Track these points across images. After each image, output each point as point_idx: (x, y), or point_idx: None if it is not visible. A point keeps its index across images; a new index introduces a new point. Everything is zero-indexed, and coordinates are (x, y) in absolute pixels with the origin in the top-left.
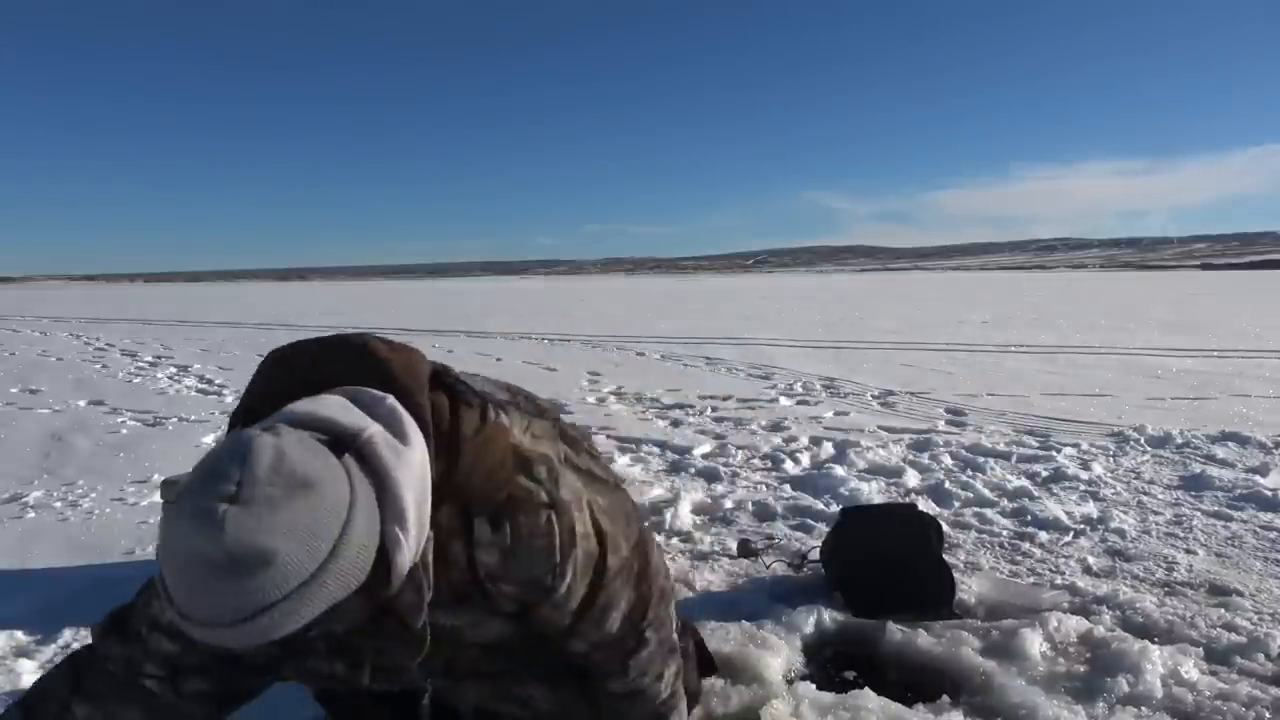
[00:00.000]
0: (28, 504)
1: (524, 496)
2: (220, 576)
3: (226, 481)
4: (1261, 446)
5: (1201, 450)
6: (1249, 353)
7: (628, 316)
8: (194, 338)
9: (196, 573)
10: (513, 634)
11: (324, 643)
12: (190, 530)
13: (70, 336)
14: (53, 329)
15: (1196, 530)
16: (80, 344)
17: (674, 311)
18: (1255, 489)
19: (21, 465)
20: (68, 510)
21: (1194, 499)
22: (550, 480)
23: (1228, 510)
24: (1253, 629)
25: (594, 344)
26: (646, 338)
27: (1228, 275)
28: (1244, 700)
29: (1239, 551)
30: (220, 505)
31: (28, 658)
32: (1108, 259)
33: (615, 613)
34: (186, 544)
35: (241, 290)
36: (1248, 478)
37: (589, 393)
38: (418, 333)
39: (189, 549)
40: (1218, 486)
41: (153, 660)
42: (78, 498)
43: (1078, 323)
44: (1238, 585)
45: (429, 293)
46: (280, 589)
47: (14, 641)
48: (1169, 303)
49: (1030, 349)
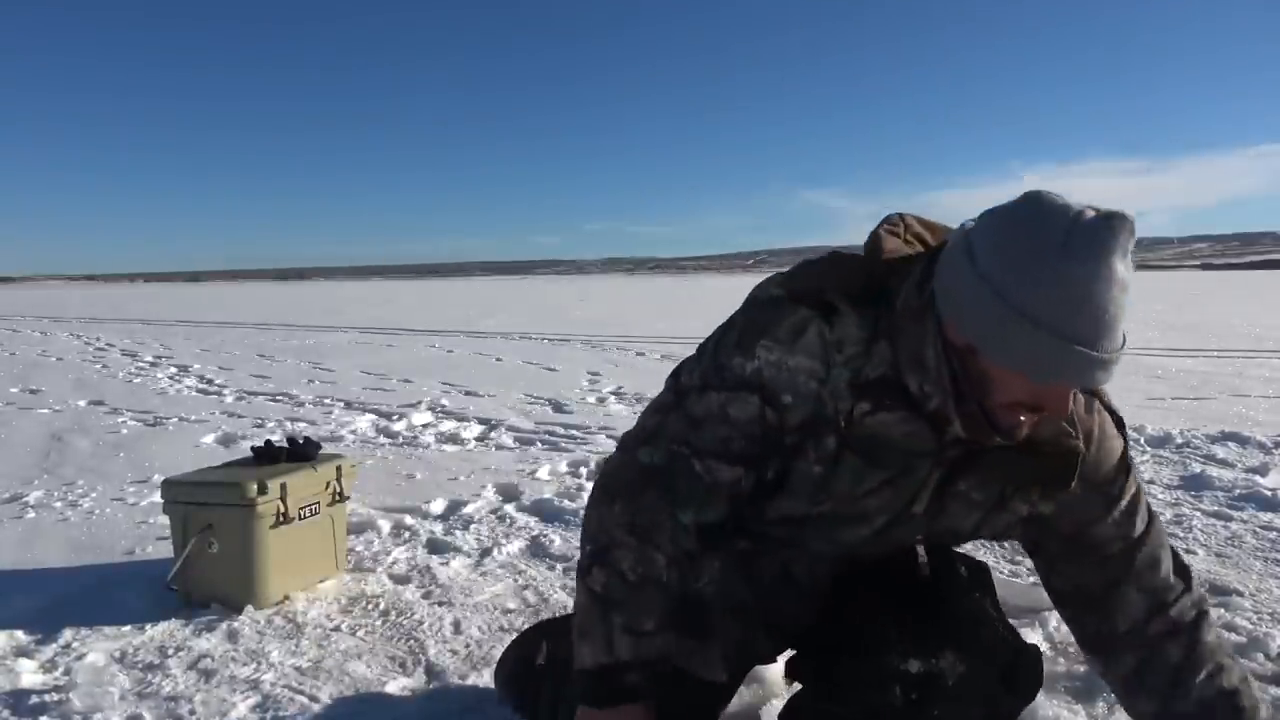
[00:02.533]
0: (28, 504)
1: (1104, 391)
2: (1128, 284)
3: (1079, 206)
4: (1261, 446)
5: (1201, 450)
6: (1249, 353)
7: (628, 316)
8: (194, 338)
9: (1118, 304)
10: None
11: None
12: (1121, 238)
13: (70, 336)
14: (53, 329)
15: (1196, 530)
16: (80, 344)
17: (674, 311)
18: (1255, 489)
19: (21, 465)
20: (68, 510)
21: (1194, 499)
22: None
23: (1228, 510)
24: (1253, 629)
25: (594, 344)
26: (646, 338)
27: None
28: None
29: (1239, 551)
30: (1113, 210)
31: (28, 658)
32: None
33: (1168, 555)
34: (1122, 258)
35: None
36: (1248, 478)
37: (589, 393)
38: (418, 332)
39: (1122, 264)
40: (1218, 486)
41: (707, 454)
42: (78, 498)
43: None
44: (1238, 585)
45: (429, 292)
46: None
47: (14, 641)
48: (1169, 303)
49: None
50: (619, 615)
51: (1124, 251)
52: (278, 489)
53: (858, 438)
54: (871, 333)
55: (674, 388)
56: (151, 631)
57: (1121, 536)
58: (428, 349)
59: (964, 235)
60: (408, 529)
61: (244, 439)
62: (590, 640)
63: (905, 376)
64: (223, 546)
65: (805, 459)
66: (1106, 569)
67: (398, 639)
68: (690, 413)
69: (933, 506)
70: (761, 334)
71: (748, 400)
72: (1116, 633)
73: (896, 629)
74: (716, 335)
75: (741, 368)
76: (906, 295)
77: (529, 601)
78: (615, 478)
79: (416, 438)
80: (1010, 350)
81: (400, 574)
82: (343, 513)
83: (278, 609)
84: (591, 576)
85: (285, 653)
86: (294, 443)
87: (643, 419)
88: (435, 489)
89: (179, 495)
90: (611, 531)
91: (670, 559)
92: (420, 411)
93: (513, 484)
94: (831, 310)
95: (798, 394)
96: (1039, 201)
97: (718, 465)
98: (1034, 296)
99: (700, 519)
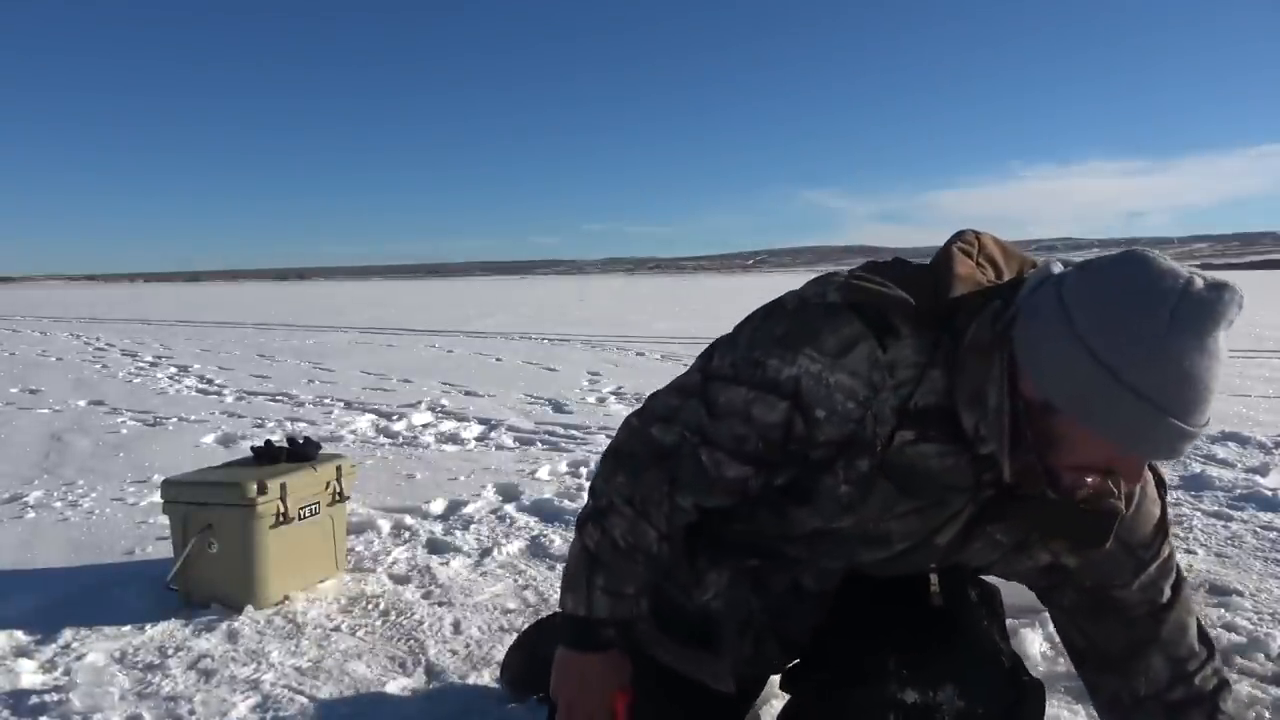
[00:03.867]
0: (28, 504)
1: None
2: (1223, 357)
3: (1185, 272)
4: (1261, 446)
5: (1201, 450)
6: (1249, 353)
7: (628, 316)
8: (194, 338)
9: (1217, 378)
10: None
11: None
12: (1226, 311)
13: (70, 336)
14: (53, 329)
15: (1196, 530)
16: (80, 344)
17: (674, 311)
18: (1255, 489)
19: (21, 465)
20: (68, 510)
21: (1194, 499)
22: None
23: (1228, 510)
24: (1253, 629)
25: (594, 344)
26: (646, 338)
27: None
28: (1244, 700)
29: (1239, 551)
30: (1217, 282)
31: (28, 658)
32: None
33: (1194, 620)
34: (1216, 357)
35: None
36: (1248, 478)
37: (589, 393)
38: (418, 332)
39: (1219, 359)
40: (1218, 486)
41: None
42: (78, 498)
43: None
44: (1238, 585)
45: (429, 292)
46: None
47: (14, 641)
48: None
49: None
50: (601, 576)
51: (1229, 325)
52: (278, 489)
53: (895, 465)
54: (929, 359)
55: (703, 369)
56: (151, 631)
57: (1148, 600)
58: (428, 349)
59: (1055, 286)
60: (408, 529)
61: (244, 439)
62: (573, 591)
63: (961, 412)
64: (223, 546)
65: (834, 477)
66: (1132, 631)
67: (398, 639)
68: (712, 401)
69: (956, 541)
70: (809, 341)
71: (776, 405)
72: (1137, 696)
73: (896, 658)
74: (756, 321)
75: (778, 371)
76: (978, 330)
77: (529, 601)
78: (625, 447)
79: (416, 438)
80: (1104, 417)
81: (400, 574)
82: (343, 513)
83: (278, 609)
84: (587, 531)
85: (285, 653)
86: (294, 443)
87: (665, 394)
88: (435, 489)
89: (179, 495)
90: (612, 497)
91: (662, 535)
92: (420, 411)
93: (513, 484)
94: (889, 331)
95: (833, 411)
96: (1146, 265)
97: (727, 461)
98: (1138, 367)
99: (700, 503)
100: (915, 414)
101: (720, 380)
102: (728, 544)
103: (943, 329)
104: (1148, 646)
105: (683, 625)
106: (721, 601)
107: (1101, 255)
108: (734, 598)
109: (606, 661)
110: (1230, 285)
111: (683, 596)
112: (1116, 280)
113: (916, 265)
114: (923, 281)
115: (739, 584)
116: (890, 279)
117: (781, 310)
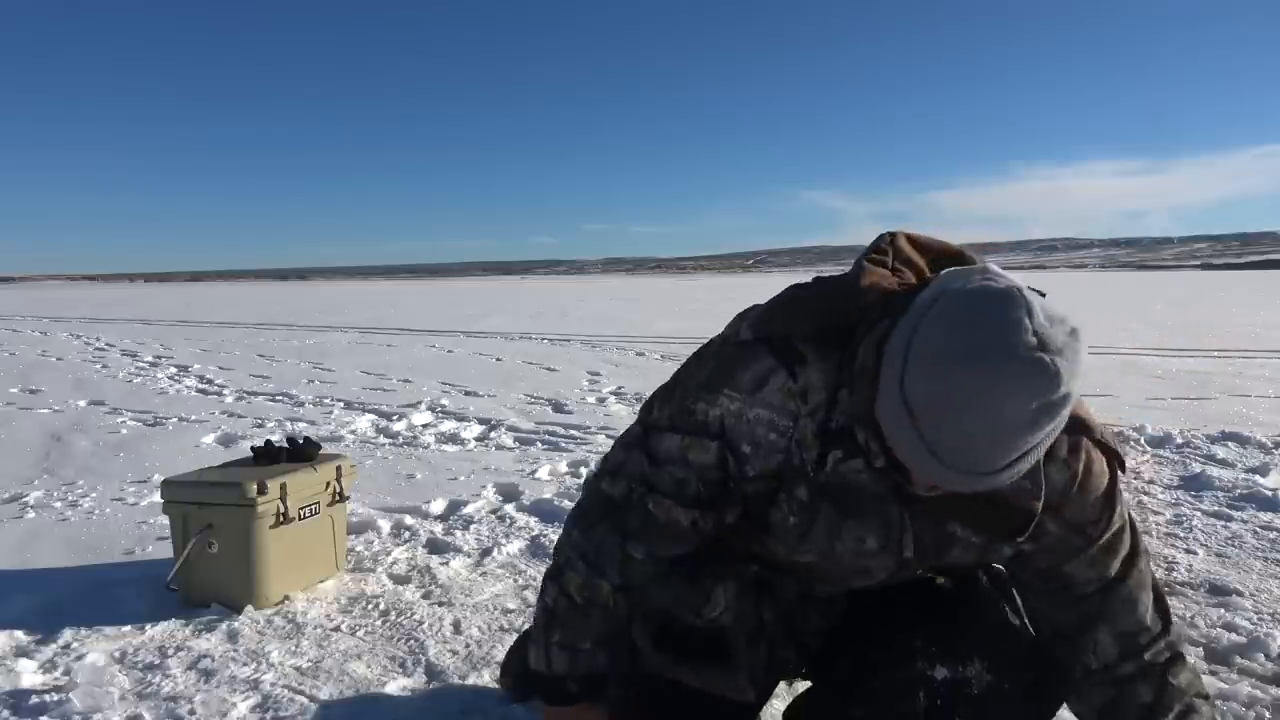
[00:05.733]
0: (28, 504)
1: (1096, 426)
2: (1034, 425)
3: (1027, 332)
4: (1261, 446)
5: (1201, 450)
6: (1249, 353)
7: (628, 316)
8: (194, 338)
9: (1010, 423)
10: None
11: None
12: (1023, 384)
13: (70, 336)
14: (53, 329)
15: (1196, 530)
16: (80, 344)
17: (674, 311)
18: (1255, 489)
19: (21, 465)
20: (68, 510)
21: (1194, 499)
22: (1109, 432)
23: (1228, 510)
24: (1253, 629)
25: (594, 344)
26: (646, 338)
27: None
28: (1244, 700)
29: (1239, 551)
30: (1045, 355)
31: (28, 658)
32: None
33: (1147, 596)
34: (1013, 399)
35: (241, 290)
36: (1248, 478)
37: (589, 393)
38: (418, 332)
39: (1014, 403)
40: (1218, 486)
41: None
42: (78, 498)
43: (1078, 323)
44: (1238, 585)
45: (429, 292)
46: (1047, 438)
47: (14, 641)
48: (1169, 303)
49: None
50: (557, 632)
51: (1030, 396)
52: (278, 489)
53: (831, 485)
54: (837, 379)
55: (643, 421)
56: (151, 631)
57: (1097, 576)
58: (427, 349)
59: (915, 321)
60: (408, 529)
61: (244, 439)
62: (535, 647)
63: (856, 428)
64: (223, 546)
65: (780, 510)
66: (1080, 607)
67: (398, 639)
68: (652, 451)
69: (923, 548)
70: (727, 381)
71: (708, 446)
72: (1088, 669)
73: (924, 637)
74: (688, 367)
75: (705, 413)
76: (864, 354)
77: (529, 601)
78: (582, 504)
79: (416, 438)
80: (905, 455)
81: (400, 574)
82: (343, 513)
83: (278, 609)
84: (546, 588)
85: (285, 653)
86: (294, 443)
87: (613, 450)
88: (435, 489)
89: (179, 495)
90: (568, 553)
91: (615, 587)
92: (420, 411)
93: (513, 484)
94: (797, 359)
95: (757, 445)
96: (975, 325)
97: (673, 507)
98: (931, 424)
99: (655, 553)
100: (837, 433)
101: (658, 430)
102: (730, 555)
103: (844, 349)
104: (1095, 621)
105: (697, 647)
106: (730, 615)
107: (973, 290)
108: (742, 610)
109: (576, 716)
110: (1044, 363)
111: (692, 617)
112: (942, 335)
113: (835, 281)
114: (830, 302)
115: (745, 595)
116: (798, 308)
117: (706, 353)
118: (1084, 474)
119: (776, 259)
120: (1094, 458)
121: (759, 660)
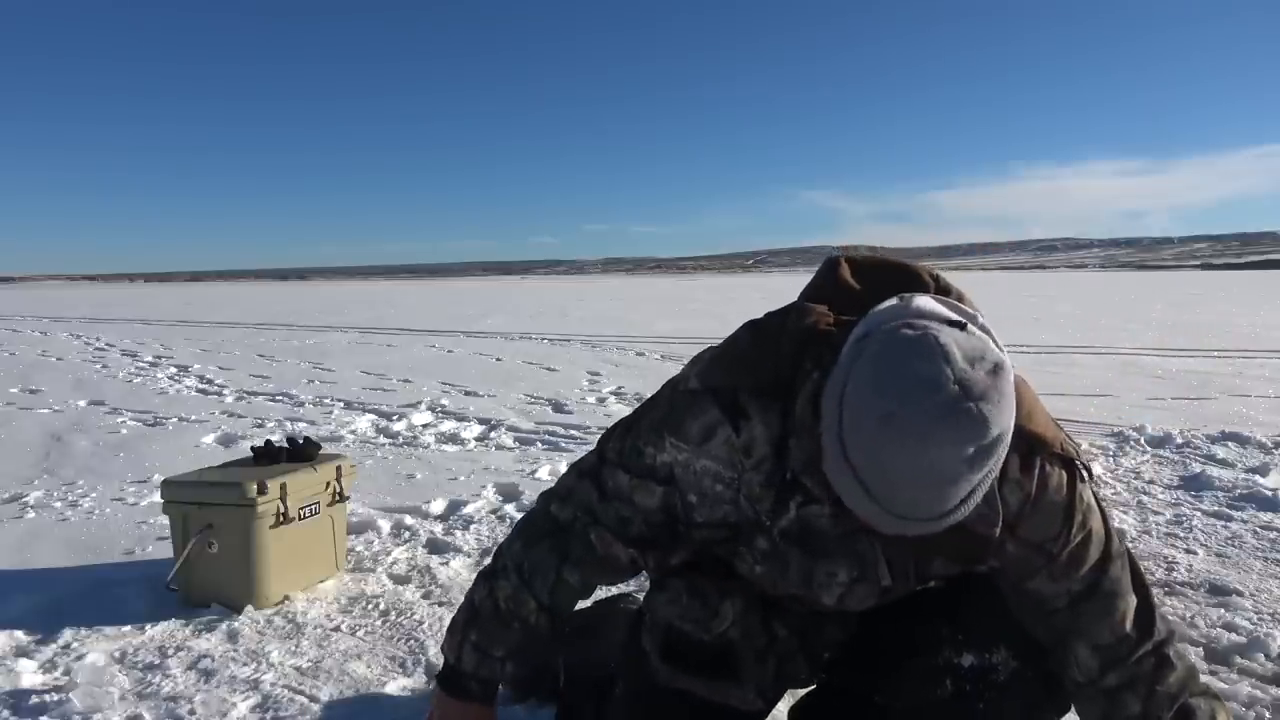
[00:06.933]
0: (28, 504)
1: (1051, 439)
2: (973, 468)
3: (948, 382)
4: (1261, 446)
5: (1201, 450)
6: (1249, 353)
7: (628, 316)
8: (194, 338)
9: (948, 473)
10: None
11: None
12: (951, 435)
13: (70, 336)
14: (53, 329)
15: (1196, 530)
16: (80, 344)
17: (674, 311)
18: (1255, 489)
19: (21, 465)
20: (68, 510)
21: (1194, 499)
22: (1070, 441)
23: (1228, 510)
24: (1253, 629)
25: (594, 344)
26: (646, 338)
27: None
28: (1244, 700)
29: (1239, 551)
30: (968, 404)
31: (28, 658)
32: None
33: (1123, 604)
34: (943, 450)
35: (241, 290)
36: (1248, 478)
37: (589, 393)
38: (418, 332)
39: (946, 454)
40: (1218, 486)
41: (606, 527)
42: (78, 498)
43: (1078, 323)
44: (1238, 585)
45: (429, 292)
46: (989, 474)
47: (14, 641)
48: (1169, 303)
49: (1030, 349)
50: (475, 632)
51: (962, 445)
52: (278, 489)
53: (793, 532)
54: (782, 431)
55: (600, 452)
56: (151, 631)
57: (1065, 591)
58: (427, 349)
59: (847, 368)
60: (408, 529)
61: (244, 439)
62: (450, 637)
63: (801, 477)
64: (223, 546)
65: (745, 562)
66: (1050, 623)
67: (398, 639)
68: (603, 485)
69: (902, 574)
70: (675, 430)
71: (654, 490)
72: (1076, 684)
73: (950, 624)
74: (645, 408)
75: (653, 458)
76: (801, 408)
77: None
78: (530, 516)
79: (416, 438)
80: (847, 498)
81: (400, 574)
82: (343, 513)
83: (278, 609)
84: (477, 586)
85: (285, 653)
86: (294, 443)
87: (567, 472)
88: (435, 489)
89: (179, 495)
90: (506, 560)
91: (542, 605)
92: (420, 411)
93: (513, 484)
94: (741, 413)
95: (703, 495)
96: (904, 368)
97: (614, 542)
98: (864, 468)
99: (589, 582)
100: (794, 483)
101: (610, 465)
102: (737, 573)
103: (786, 398)
104: (1069, 636)
105: (706, 662)
106: (738, 630)
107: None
108: (749, 625)
109: (466, 713)
110: (973, 414)
111: (701, 632)
112: (868, 394)
113: (774, 326)
114: (769, 347)
115: (753, 610)
116: (742, 357)
117: (661, 396)
118: (1038, 491)
119: (776, 259)
120: (1049, 473)
121: (767, 674)
